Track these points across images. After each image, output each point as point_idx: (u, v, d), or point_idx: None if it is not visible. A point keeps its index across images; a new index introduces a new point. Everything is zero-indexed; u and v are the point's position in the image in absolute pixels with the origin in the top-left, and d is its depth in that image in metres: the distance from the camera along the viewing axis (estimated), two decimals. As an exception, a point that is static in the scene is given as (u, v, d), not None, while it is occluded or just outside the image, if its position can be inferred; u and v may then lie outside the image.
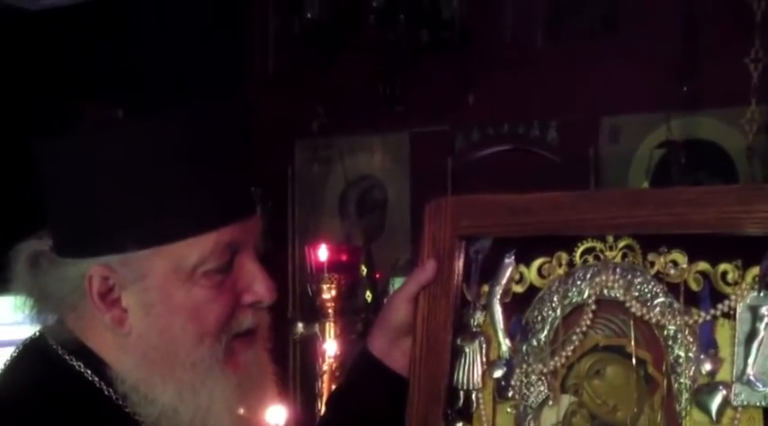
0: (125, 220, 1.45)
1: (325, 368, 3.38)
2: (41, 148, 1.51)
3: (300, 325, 3.67)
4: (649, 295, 1.57)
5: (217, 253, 1.48)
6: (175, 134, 1.46)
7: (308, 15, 3.90)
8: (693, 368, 1.52)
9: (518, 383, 1.68)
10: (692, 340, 1.53)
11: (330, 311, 3.41)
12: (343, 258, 3.50)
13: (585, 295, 1.63)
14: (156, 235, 1.46)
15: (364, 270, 3.72)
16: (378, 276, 3.86)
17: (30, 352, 1.57)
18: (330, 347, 3.39)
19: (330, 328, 3.40)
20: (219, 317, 1.50)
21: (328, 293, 3.41)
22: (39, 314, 1.56)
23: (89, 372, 1.50)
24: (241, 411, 1.53)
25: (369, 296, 3.72)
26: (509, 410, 1.68)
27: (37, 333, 1.58)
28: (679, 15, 3.85)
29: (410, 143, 4.66)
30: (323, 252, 3.44)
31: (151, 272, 1.47)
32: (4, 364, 1.56)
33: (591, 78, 4.09)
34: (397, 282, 3.63)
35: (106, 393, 1.49)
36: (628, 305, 1.58)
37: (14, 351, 1.57)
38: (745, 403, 1.47)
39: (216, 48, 4.79)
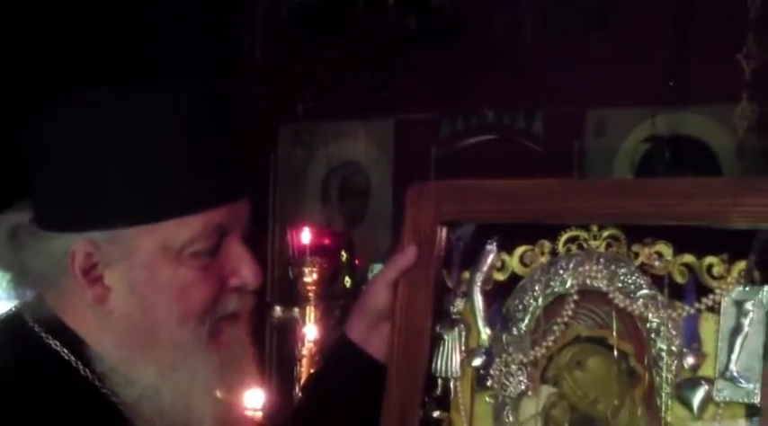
0: (114, 196, 1.43)
1: (305, 352, 3.36)
2: (31, 120, 1.48)
3: (278, 309, 3.64)
4: (633, 286, 1.55)
5: (206, 235, 1.46)
6: (169, 111, 1.44)
7: (296, -1, 3.89)
8: (676, 362, 1.50)
9: (497, 372, 1.65)
10: (675, 333, 1.51)
11: (311, 295, 3.39)
12: (326, 242, 3.48)
13: (568, 285, 1.61)
14: (146, 213, 1.43)
15: (344, 255, 3.69)
16: (357, 262, 3.84)
17: (4, 329, 1.54)
18: (310, 331, 3.36)
19: (310, 312, 3.38)
20: (205, 299, 1.48)
21: (310, 277, 3.38)
22: (17, 289, 1.53)
23: (66, 351, 1.47)
24: (222, 392, 1.51)
25: (348, 282, 3.69)
26: (488, 399, 1.66)
27: (13, 309, 1.55)
28: (669, 10, 3.83)
29: (394, 130, 4.64)
30: (306, 236, 3.42)
31: (138, 251, 1.45)
32: None
33: (578, 71, 4.07)
34: (377, 269, 3.60)
35: (82, 372, 1.47)
36: (611, 296, 1.56)
37: None
38: (728, 399, 1.45)
39: (205, 32, 4.75)
